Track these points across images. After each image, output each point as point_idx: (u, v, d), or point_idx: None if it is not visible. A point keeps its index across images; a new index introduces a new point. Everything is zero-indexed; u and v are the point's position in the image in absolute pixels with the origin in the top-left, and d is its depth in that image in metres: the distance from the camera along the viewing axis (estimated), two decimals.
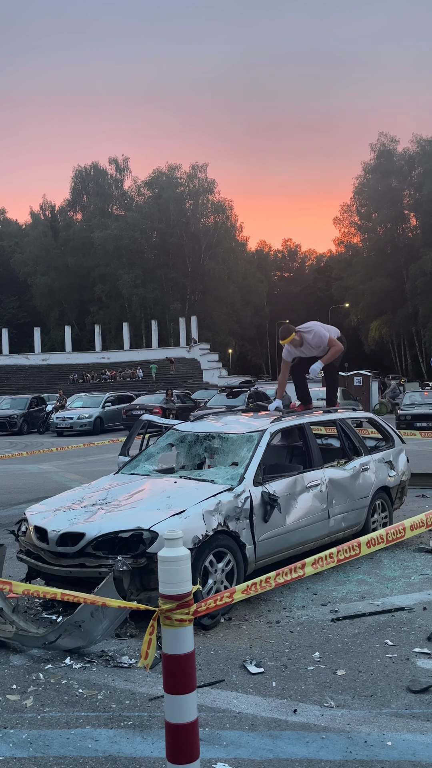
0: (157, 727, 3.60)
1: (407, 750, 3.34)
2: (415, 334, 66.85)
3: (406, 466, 8.07)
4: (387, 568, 6.50)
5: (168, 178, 72.45)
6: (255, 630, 5.00)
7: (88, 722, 3.71)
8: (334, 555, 3.39)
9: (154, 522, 5.07)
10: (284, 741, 3.46)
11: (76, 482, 12.18)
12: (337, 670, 4.26)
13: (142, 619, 4.97)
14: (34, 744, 3.50)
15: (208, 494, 5.49)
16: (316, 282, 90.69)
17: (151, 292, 69.48)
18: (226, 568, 5.37)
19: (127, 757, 3.35)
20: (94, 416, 26.36)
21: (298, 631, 4.95)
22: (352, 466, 7.02)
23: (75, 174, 77.06)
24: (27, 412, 28.01)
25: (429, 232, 60.39)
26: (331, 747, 3.39)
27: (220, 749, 3.40)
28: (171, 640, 2.61)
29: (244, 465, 5.97)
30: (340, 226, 75.77)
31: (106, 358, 57.19)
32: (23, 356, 57.80)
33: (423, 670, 4.23)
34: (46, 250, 71.91)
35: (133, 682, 4.20)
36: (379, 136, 69.08)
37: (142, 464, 6.83)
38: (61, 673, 4.36)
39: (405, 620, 5.09)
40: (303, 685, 4.07)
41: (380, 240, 68.95)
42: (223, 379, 45.03)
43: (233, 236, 75.74)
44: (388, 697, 3.90)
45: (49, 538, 5.31)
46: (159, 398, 28.05)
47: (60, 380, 50.78)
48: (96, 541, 5.11)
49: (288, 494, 6.08)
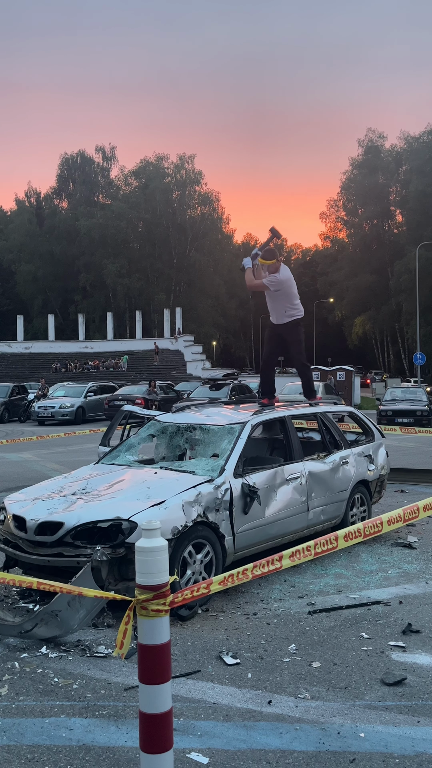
0: (132, 717, 3.60)
1: (380, 742, 3.37)
2: (398, 331, 67.23)
3: (385, 460, 8.12)
4: (365, 562, 6.55)
5: (155, 168, 72.02)
6: (232, 621, 5.02)
7: (62, 711, 3.71)
8: (312, 548, 3.40)
9: (134, 512, 5.06)
10: (258, 732, 3.48)
11: (56, 472, 12.12)
12: (312, 662, 4.29)
13: (119, 608, 4.97)
14: (7, 732, 3.49)
15: (188, 485, 5.49)
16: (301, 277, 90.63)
17: (136, 282, 69.15)
18: (205, 559, 5.38)
19: (102, 746, 3.35)
20: (76, 406, 26.23)
21: (275, 623, 4.97)
22: (332, 460, 7.05)
23: (61, 161, 76.36)
24: (8, 400, 27.80)
25: (414, 230, 60.63)
26: (305, 738, 3.41)
27: (195, 739, 3.41)
28: (147, 631, 2.60)
29: (225, 457, 5.97)
30: (326, 221, 75.88)
31: (90, 347, 56.86)
32: (5, 344, 57.31)
33: (397, 663, 4.27)
34: (31, 237, 71.27)
35: (109, 671, 4.20)
36: (367, 131, 69.32)
37: (123, 454, 6.81)
38: (36, 662, 4.35)
39: (381, 614, 5.13)
40: (278, 677, 4.09)
41: (366, 236, 69.13)
42: (207, 372, 44.99)
43: (220, 228, 75.56)
44: (362, 689, 3.94)
45: (28, 527, 5.28)
46: (142, 389, 27.96)
47: (42, 369, 50.45)
48: (75, 531, 5.09)
49: (268, 486, 6.10)
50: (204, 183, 73.12)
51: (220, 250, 73.91)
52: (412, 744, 3.34)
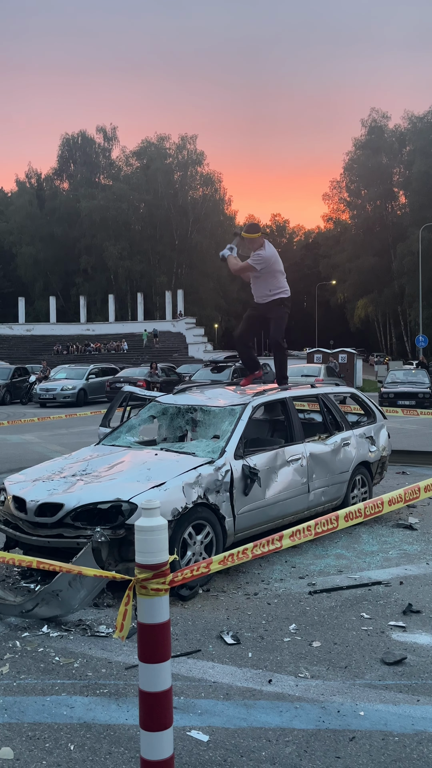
0: (133, 696, 3.61)
1: (379, 720, 3.38)
2: (400, 314, 67.00)
3: (387, 441, 8.10)
4: (365, 542, 6.56)
5: (156, 149, 71.41)
6: (233, 601, 5.03)
7: (63, 689, 3.72)
8: (312, 528, 3.39)
9: (134, 494, 5.06)
10: (258, 710, 3.49)
11: (57, 453, 12.14)
12: (312, 642, 4.30)
13: (119, 589, 4.98)
14: (8, 710, 3.51)
15: (188, 467, 5.48)
16: (303, 259, 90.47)
17: (137, 264, 68.85)
18: (205, 540, 5.38)
19: (102, 724, 3.36)
20: (78, 388, 26.23)
21: (276, 603, 4.98)
22: (333, 441, 7.04)
23: (62, 142, 75.75)
24: (10, 382, 27.81)
25: (417, 211, 60.20)
26: (305, 716, 3.42)
27: (195, 717, 3.42)
28: (146, 610, 2.60)
29: (226, 438, 5.96)
30: (329, 202, 75.44)
31: (91, 330, 56.79)
32: (7, 326, 57.24)
33: (397, 643, 4.28)
34: (32, 219, 70.87)
35: (110, 651, 4.21)
36: (371, 111, 68.26)
37: (124, 436, 6.80)
38: (37, 641, 4.37)
39: (381, 594, 5.14)
40: (278, 656, 4.11)
41: (369, 218, 68.67)
42: (209, 354, 44.94)
43: (221, 210, 75.02)
44: (362, 668, 3.95)
45: (28, 509, 5.28)
46: (143, 371, 27.95)
47: (44, 351, 50.43)
48: (75, 512, 5.09)
49: (269, 468, 6.09)
50: (206, 164, 72.66)
51: (222, 232, 73.31)
52: (411, 722, 3.35)
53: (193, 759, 3.07)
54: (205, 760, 3.06)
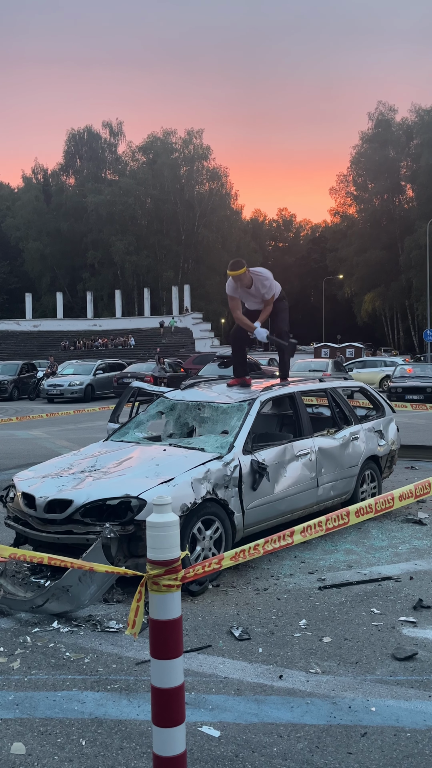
0: (144, 691, 3.62)
1: (391, 716, 3.37)
2: (408, 308, 66.79)
3: (396, 435, 8.07)
4: (375, 538, 6.54)
5: (163, 144, 71.31)
6: (242, 597, 5.03)
7: (74, 685, 3.73)
8: (323, 523, 3.38)
9: (143, 490, 5.06)
10: (269, 705, 3.49)
11: (65, 449, 12.16)
12: (323, 638, 4.29)
13: (129, 585, 4.99)
14: (20, 705, 3.52)
15: (197, 462, 5.47)
16: (310, 253, 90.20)
17: (144, 259, 68.86)
18: (215, 535, 5.38)
19: (113, 719, 3.37)
20: (85, 383, 26.27)
21: (285, 599, 4.97)
22: (341, 435, 7.01)
23: (68, 137, 75.75)
24: (17, 378, 27.90)
25: (425, 204, 59.95)
26: (316, 712, 3.42)
27: (206, 713, 3.42)
28: (158, 606, 2.59)
29: (234, 433, 5.95)
30: (336, 196, 75.15)
31: (98, 325, 56.85)
32: (14, 322, 57.41)
33: (408, 638, 4.27)
34: (39, 214, 70.97)
35: (120, 646, 4.22)
36: (378, 105, 68.34)
37: (132, 431, 6.79)
38: (48, 636, 4.38)
39: (391, 589, 5.12)
40: (289, 652, 4.10)
41: (376, 211, 68.40)
42: (216, 349, 44.94)
43: (228, 204, 74.91)
44: (373, 664, 3.94)
45: (37, 505, 5.29)
46: (150, 366, 27.96)
47: (51, 347, 50.55)
48: (84, 508, 5.09)
49: (277, 463, 6.08)
50: (212, 158, 72.63)
51: (229, 226, 73.35)
52: (423, 718, 3.34)
53: (204, 754, 3.07)
54: (217, 756, 3.06)
